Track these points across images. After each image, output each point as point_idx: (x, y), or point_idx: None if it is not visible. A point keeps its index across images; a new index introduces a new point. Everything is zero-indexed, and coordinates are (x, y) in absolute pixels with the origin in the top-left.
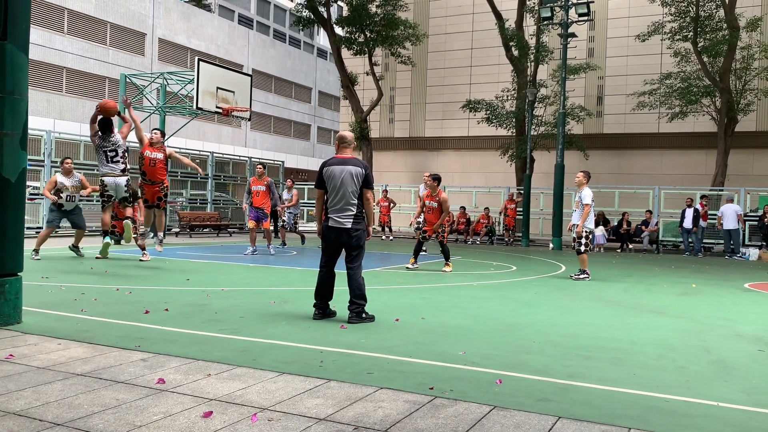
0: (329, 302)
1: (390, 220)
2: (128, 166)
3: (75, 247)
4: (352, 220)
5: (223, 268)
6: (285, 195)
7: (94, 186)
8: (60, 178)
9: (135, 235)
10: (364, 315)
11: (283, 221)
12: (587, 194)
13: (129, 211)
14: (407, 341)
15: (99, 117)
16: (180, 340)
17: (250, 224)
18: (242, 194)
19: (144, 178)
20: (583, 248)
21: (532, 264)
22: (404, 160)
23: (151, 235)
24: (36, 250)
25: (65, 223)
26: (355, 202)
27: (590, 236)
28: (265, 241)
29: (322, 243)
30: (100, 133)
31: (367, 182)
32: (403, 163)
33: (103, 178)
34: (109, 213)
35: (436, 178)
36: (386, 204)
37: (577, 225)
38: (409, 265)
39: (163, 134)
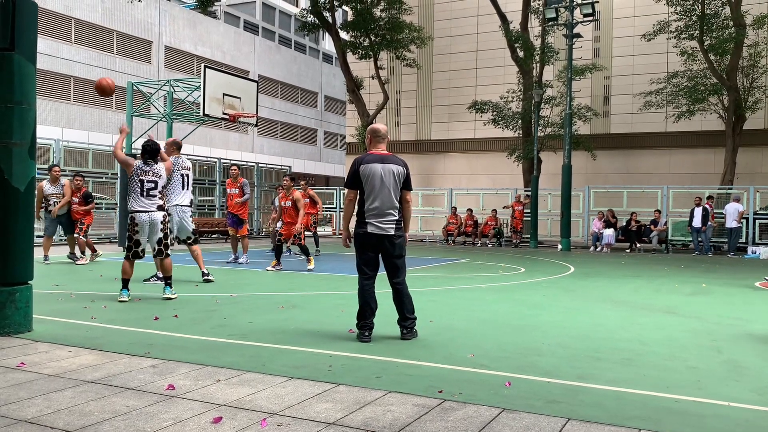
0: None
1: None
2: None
3: (72, 255)
4: (394, 226)
5: (231, 273)
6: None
7: (67, 198)
8: (46, 186)
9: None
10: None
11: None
12: None
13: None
14: (415, 344)
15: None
16: (189, 346)
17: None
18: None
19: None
20: None
21: (540, 265)
22: (411, 163)
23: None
24: (46, 256)
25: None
26: (397, 205)
27: None
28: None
29: (361, 253)
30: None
31: (407, 183)
32: (410, 166)
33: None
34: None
35: (292, 178)
36: None
37: None
38: (270, 268)
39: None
